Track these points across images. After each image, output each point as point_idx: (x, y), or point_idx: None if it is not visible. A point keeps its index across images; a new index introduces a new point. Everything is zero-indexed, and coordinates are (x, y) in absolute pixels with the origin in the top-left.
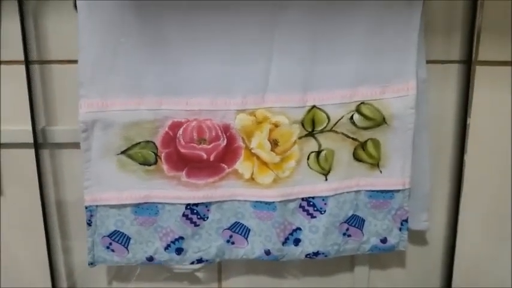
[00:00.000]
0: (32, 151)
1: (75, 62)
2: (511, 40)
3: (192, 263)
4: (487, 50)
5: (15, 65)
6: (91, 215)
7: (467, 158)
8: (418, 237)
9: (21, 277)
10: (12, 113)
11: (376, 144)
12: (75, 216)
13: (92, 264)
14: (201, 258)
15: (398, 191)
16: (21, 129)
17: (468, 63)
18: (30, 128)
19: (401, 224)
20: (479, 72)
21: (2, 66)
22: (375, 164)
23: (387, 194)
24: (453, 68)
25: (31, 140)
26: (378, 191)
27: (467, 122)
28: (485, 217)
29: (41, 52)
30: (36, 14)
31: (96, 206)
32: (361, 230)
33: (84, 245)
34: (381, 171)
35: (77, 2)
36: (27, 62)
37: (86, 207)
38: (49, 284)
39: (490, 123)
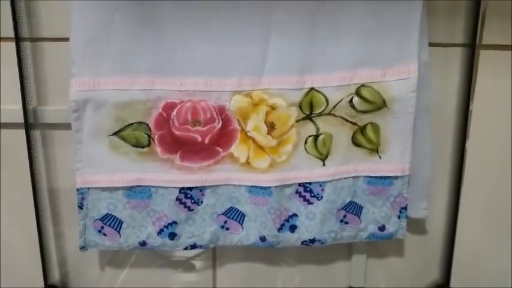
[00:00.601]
0: (23, 131)
1: (67, 39)
2: None
3: (186, 248)
4: (492, 34)
5: (6, 43)
6: (82, 198)
7: (469, 145)
8: (417, 226)
9: (12, 263)
10: (2, 92)
11: (376, 128)
12: (67, 199)
13: (83, 248)
14: (195, 244)
15: (397, 177)
16: (11, 108)
17: (472, 47)
18: (20, 107)
19: (400, 212)
20: (483, 56)
21: None
22: (374, 149)
23: (386, 180)
24: (456, 51)
25: (21, 120)
26: (376, 177)
27: (470, 108)
28: (486, 206)
29: (32, 29)
30: None
31: (88, 188)
32: (359, 217)
33: (76, 230)
34: (380, 157)
35: None
36: (18, 39)
37: (78, 190)
38: (41, 271)
39: (493, 110)
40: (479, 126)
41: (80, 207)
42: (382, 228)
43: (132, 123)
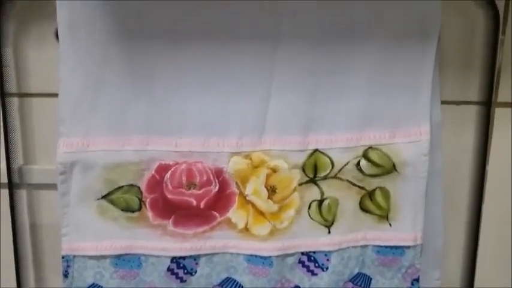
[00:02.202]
0: (6, 191)
1: (56, 95)
2: None
3: None
4: (508, 91)
5: None
6: (68, 266)
7: (485, 209)
8: None
9: None
10: None
11: (386, 193)
12: (51, 266)
13: None
14: None
15: (409, 246)
16: None
17: (487, 105)
18: (5, 166)
19: (412, 284)
20: (499, 114)
21: None
22: (384, 215)
23: (397, 250)
24: (470, 109)
25: (5, 180)
26: (386, 247)
27: (486, 169)
28: (504, 276)
29: (20, 84)
30: (16, 42)
31: (74, 256)
32: None
33: None
34: (390, 224)
35: (59, 31)
36: (3, 94)
37: (63, 257)
38: None
39: (511, 171)
40: (496, 188)
41: (65, 275)
42: None
43: (122, 186)
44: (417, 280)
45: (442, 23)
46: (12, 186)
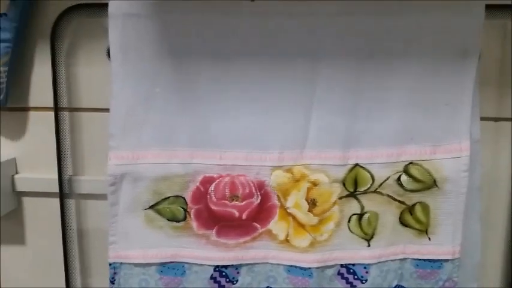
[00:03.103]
0: (57, 200)
1: (104, 110)
2: None
3: None
4: None
5: (45, 112)
6: (114, 273)
7: None
8: None
9: None
10: (39, 161)
11: (426, 208)
12: (98, 270)
13: None
14: None
15: (447, 260)
16: (47, 177)
17: None
18: (56, 176)
19: None
20: None
21: (32, 112)
22: (423, 230)
23: (435, 263)
24: (507, 126)
25: (57, 189)
26: (425, 260)
27: None
28: None
29: (71, 99)
30: (68, 61)
31: (121, 263)
32: None
33: None
34: (429, 238)
35: (110, 51)
36: (57, 109)
37: (110, 264)
38: None
39: None
40: None
41: (112, 282)
42: None
43: (169, 197)
44: None
45: (481, 41)
46: (62, 196)
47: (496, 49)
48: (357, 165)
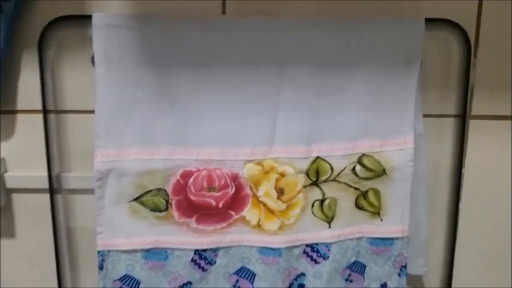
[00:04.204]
0: (46, 196)
1: (88, 112)
2: (503, 95)
3: None
4: (480, 105)
5: (33, 114)
6: (103, 260)
7: (462, 206)
8: (415, 282)
9: None
10: (27, 160)
11: (377, 193)
12: (86, 258)
13: None
14: None
15: (397, 238)
16: (35, 175)
17: (463, 118)
18: (45, 174)
19: (401, 270)
20: (473, 125)
21: (20, 115)
22: (376, 212)
23: (387, 241)
24: (449, 121)
25: (46, 186)
26: (378, 238)
27: (462, 172)
28: (480, 262)
29: (57, 102)
30: (54, 67)
31: (108, 250)
32: (363, 276)
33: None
34: (381, 219)
35: (95, 58)
36: (45, 111)
37: (98, 252)
38: None
39: (483, 173)
40: (471, 188)
41: (100, 268)
42: (384, 285)
43: (151, 190)
44: (405, 267)
45: (424, 49)
46: (52, 192)
47: (437, 57)
48: (318, 157)
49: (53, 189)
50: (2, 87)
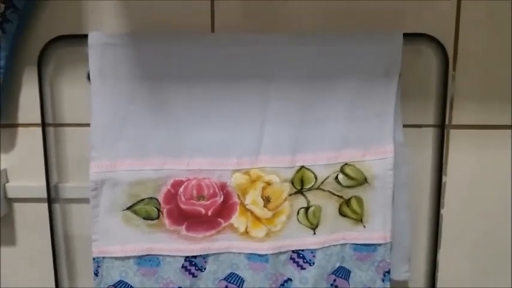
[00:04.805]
0: (45, 205)
1: (85, 125)
2: (480, 106)
3: None
4: (460, 115)
5: (33, 128)
6: (98, 266)
7: (444, 213)
8: (400, 287)
9: None
10: (27, 171)
11: (359, 201)
12: (83, 264)
13: None
14: None
15: (380, 244)
16: (34, 185)
17: (442, 127)
18: (44, 184)
19: (384, 275)
20: (453, 135)
21: (20, 128)
22: (359, 219)
23: (370, 247)
24: (429, 131)
25: (45, 195)
26: (362, 245)
27: (443, 180)
28: (462, 267)
29: (55, 116)
30: (53, 83)
31: (103, 257)
32: (347, 281)
33: None
34: (364, 226)
35: (90, 75)
36: (44, 125)
37: (94, 259)
38: None
39: (464, 181)
40: (452, 195)
41: (96, 274)
42: None
43: (144, 199)
44: (388, 272)
45: (403, 62)
46: (50, 201)
47: (416, 69)
48: (302, 167)
49: (51, 198)
50: (4, 102)
